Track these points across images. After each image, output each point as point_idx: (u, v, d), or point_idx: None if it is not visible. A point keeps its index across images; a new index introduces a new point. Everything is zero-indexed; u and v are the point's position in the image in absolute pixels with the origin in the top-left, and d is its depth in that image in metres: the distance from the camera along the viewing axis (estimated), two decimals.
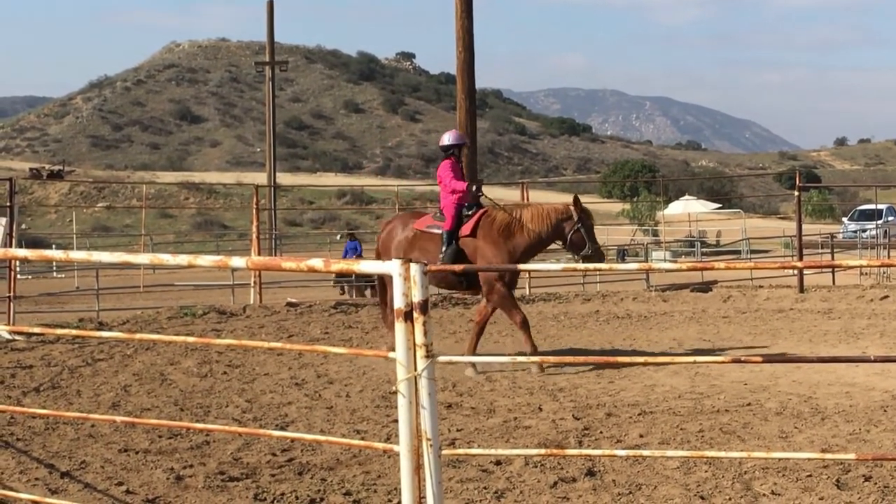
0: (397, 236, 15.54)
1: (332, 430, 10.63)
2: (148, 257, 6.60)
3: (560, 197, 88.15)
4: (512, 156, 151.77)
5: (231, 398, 12.40)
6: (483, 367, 13.98)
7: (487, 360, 6.77)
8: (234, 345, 8.42)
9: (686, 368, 13.59)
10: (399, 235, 15.51)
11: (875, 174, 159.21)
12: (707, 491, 8.24)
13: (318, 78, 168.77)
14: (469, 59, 26.08)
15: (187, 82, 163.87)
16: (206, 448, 9.87)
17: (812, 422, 10.54)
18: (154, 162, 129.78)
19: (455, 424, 10.72)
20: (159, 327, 18.43)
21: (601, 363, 13.89)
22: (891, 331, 17.10)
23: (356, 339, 17.31)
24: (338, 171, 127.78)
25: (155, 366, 14.50)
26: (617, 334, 17.55)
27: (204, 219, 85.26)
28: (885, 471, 8.59)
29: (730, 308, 20.41)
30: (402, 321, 5.36)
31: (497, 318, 19.37)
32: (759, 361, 5.46)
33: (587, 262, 15.01)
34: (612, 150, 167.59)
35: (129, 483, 8.73)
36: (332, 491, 8.47)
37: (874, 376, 12.69)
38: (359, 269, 5.77)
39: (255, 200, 23.01)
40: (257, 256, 19.29)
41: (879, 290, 22.02)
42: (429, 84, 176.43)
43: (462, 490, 8.39)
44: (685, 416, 10.90)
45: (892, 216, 56.55)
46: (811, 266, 5.93)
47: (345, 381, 13.28)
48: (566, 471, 8.82)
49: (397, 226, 15.77)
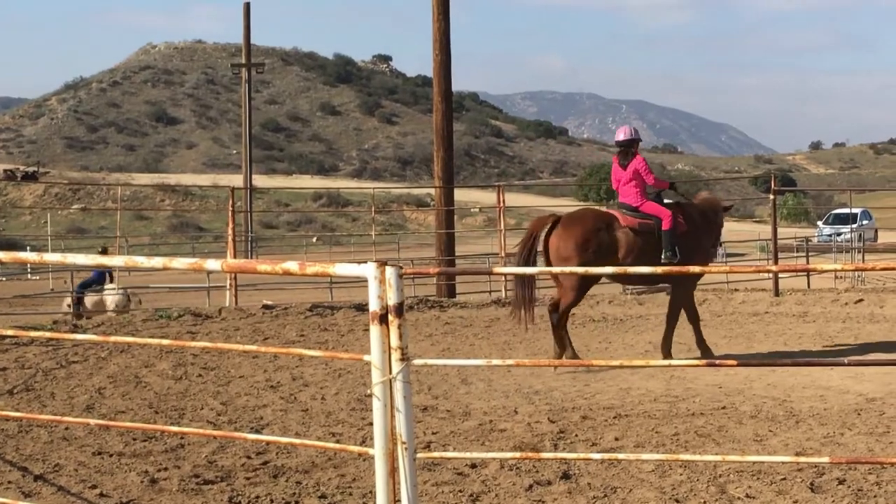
0: (605, 238, 14.75)
1: (307, 433, 10.61)
2: (123, 259, 6.57)
3: (537, 200, 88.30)
4: (488, 158, 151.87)
5: (206, 401, 12.36)
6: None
7: (463, 363, 6.74)
8: (210, 347, 8.41)
9: (661, 372, 13.59)
10: (606, 238, 14.74)
11: (850, 178, 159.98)
12: (682, 494, 8.26)
13: (295, 80, 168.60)
14: (446, 61, 26.08)
15: (163, 84, 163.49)
16: (181, 451, 9.84)
17: (786, 425, 10.56)
18: (129, 164, 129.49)
19: (430, 427, 10.71)
20: (134, 330, 18.36)
21: (577, 366, 13.90)
22: (865, 335, 17.16)
23: (332, 341, 17.28)
24: (314, 173, 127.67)
25: (129, 368, 14.45)
26: (593, 337, 17.55)
27: (180, 221, 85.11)
28: (858, 474, 8.62)
29: (705, 311, 20.42)
30: (376, 324, 5.35)
31: (472, 321, 19.39)
32: (733, 365, 5.48)
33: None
34: (588, 153, 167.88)
35: (102, 486, 8.70)
36: (308, 494, 8.46)
37: (848, 379, 12.73)
38: (335, 273, 5.76)
39: (230, 202, 22.95)
40: (233, 259, 19.26)
41: (854, 293, 22.08)
42: (405, 86, 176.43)
43: (437, 493, 8.38)
44: (660, 420, 10.91)
45: (866, 220, 56.86)
46: (786, 270, 5.95)
47: (320, 384, 13.26)
48: (541, 474, 8.82)
49: (596, 224, 14.89)
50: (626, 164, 15.35)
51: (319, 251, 60.89)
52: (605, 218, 15.02)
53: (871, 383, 12.50)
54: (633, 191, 15.25)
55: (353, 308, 20.20)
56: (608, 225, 14.86)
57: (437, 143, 26.66)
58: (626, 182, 15.27)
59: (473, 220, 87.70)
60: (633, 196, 15.22)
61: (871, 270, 5.49)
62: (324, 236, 70.56)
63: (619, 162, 15.48)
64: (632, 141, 15.47)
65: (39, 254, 6.80)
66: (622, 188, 15.34)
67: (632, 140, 15.47)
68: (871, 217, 59.98)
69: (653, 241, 14.93)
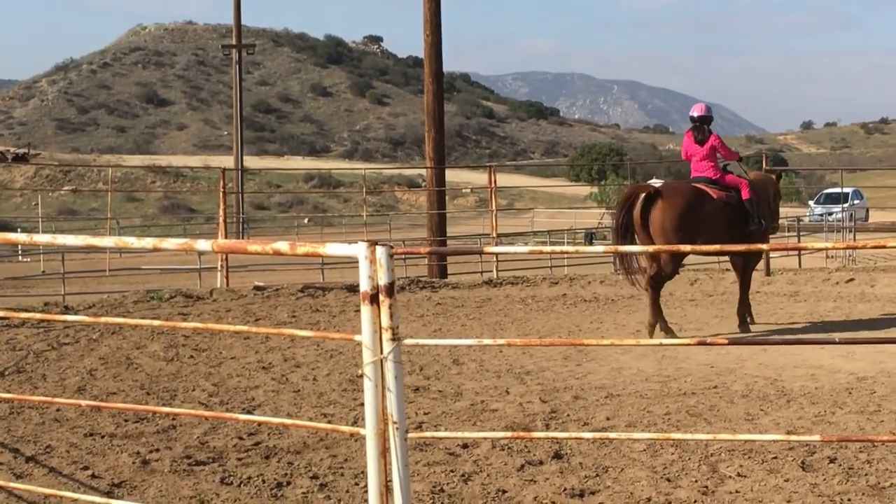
0: (706, 209, 15.52)
1: (298, 414, 10.61)
2: (113, 240, 6.55)
3: (528, 180, 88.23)
4: (480, 139, 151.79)
5: (198, 382, 12.36)
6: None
7: (454, 342, 6.75)
8: (201, 328, 8.38)
9: (653, 351, 13.62)
10: (707, 208, 15.54)
11: (841, 158, 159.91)
12: (673, 473, 8.27)
13: (286, 61, 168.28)
14: (437, 42, 26.02)
15: (154, 65, 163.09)
16: (173, 432, 9.83)
17: (778, 404, 10.58)
18: (120, 145, 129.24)
19: (422, 408, 10.71)
20: (126, 311, 18.34)
21: (568, 346, 13.91)
22: (856, 313, 17.19)
23: (323, 322, 17.28)
24: (305, 154, 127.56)
25: (121, 350, 14.43)
26: (584, 317, 17.57)
27: (171, 202, 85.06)
28: (849, 452, 8.64)
29: (696, 291, 20.47)
30: (367, 304, 5.34)
31: (464, 302, 19.39)
32: (724, 344, 5.47)
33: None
34: (579, 134, 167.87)
35: (94, 467, 8.70)
36: (299, 474, 8.46)
37: (839, 359, 12.76)
38: (325, 253, 5.74)
39: (221, 184, 22.90)
40: (223, 240, 19.25)
41: (845, 272, 22.11)
42: (396, 67, 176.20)
43: (429, 473, 8.38)
44: (652, 399, 10.92)
45: (857, 199, 56.92)
46: (777, 249, 5.94)
47: (312, 365, 13.25)
48: (533, 454, 8.83)
49: (700, 197, 15.63)
50: (702, 140, 16.18)
51: (311, 232, 60.80)
52: (700, 192, 15.71)
53: (862, 362, 12.53)
54: (709, 165, 16.11)
55: (345, 289, 20.19)
56: (704, 198, 15.60)
57: (428, 124, 26.62)
58: (703, 157, 16.14)
59: (465, 200, 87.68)
60: (712, 170, 16.10)
61: (861, 248, 5.48)
62: (315, 217, 70.46)
63: (694, 138, 16.28)
64: (706, 118, 16.36)
65: (29, 235, 6.77)
66: (698, 163, 16.20)
67: (706, 117, 16.38)
68: (862, 197, 60.03)
69: (735, 212, 15.80)
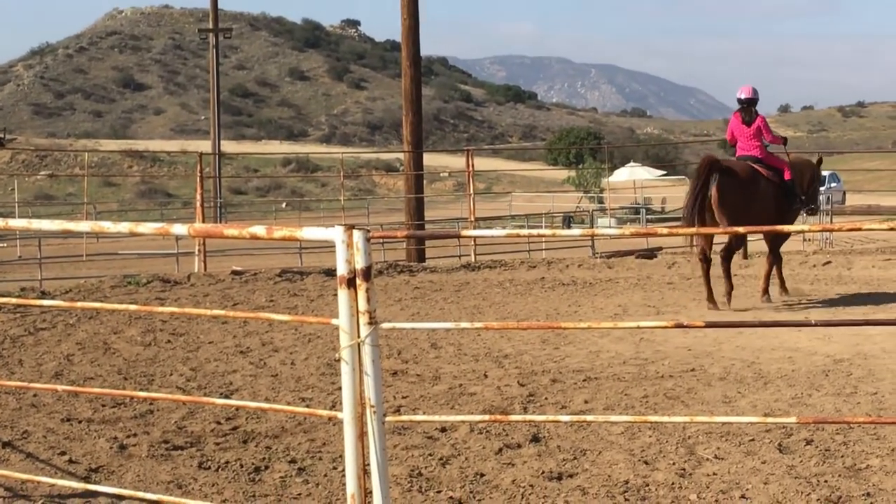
0: (762, 185, 16.47)
1: (276, 398, 10.60)
2: (89, 225, 6.53)
3: (506, 164, 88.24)
4: (458, 123, 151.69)
5: (175, 367, 12.33)
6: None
7: (432, 326, 6.78)
8: (178, 313, 8.36)
9: (631, 334, 13.64)
10: (762, 185, 16.48)
11: (818, 141, 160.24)
12: (651, 456, 8.29)
13: (263, 45, 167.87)
14: (414, 26, 26.00)
15: (130, 49, 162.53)
16: (150, 417, 9.81)
17: (755, 386, 10.61)
18: (97, 130, 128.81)
19: (400, 391, 10.72)
20: (103, 296, 18.29)
21: (546, 329, 13.92)
22: (833, 296, 17.25)
23: (301, 306, 17.26)
24: (283, 138, 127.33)
25: (98, 335, 14.39)
26: (562, 301, 17.58)
27: (148, 187, 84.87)
28: (826, 434, 8.68)
29: (674, 274, 20.51)
30: (344, 288, 5.34)
31: (442, 285, 19.40)
32: (701, 326, 5.49)
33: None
34: (557, 118, 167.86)
35: (71, 452, 8.67)
36: (277, 459, 8.45)
37: (816, 341, 12.79)
38: (302, 237, 5.73)
39: (199, 168, 22.85)
40: (200, 224, 19.20)
41: (822, 255, 22.20)
42: (374, 51, 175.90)
43: (407, 457, 8.39)
44: (630, 382, 10.94)
45: (834, 182, 57.05)
46: (754, 231, 5.97)
47: (290, 349, 13.24)
48: (511, 437, 8.84)
49: (756, 174, 16.52)
50: (749, 121, 16.96)
51: (289, 216, 60.73)
52: (754, 170, 16.53)
53: (839, 344, 12.57)
54: (756, 144, 16.89)
55: (323, 273, 20.18)
56: (758, 176, 16.46)
57: (405, 108, 26.60)
58: (750, 137, 16.89)
59: (443, 184, 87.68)
60: (758, 149, 16.90)
61: (837, 231, 5.50)
62: (293, 202, 70.43)
63: (742, 119, 17.01)
64: (753, 100, 17.04)
65: (5, 219, 6.74)
66: (745, 142, 16.95)
67: (753, 99, 17.06)
68: (839, 180, 60.19)
69: (778, 190, 16.68)
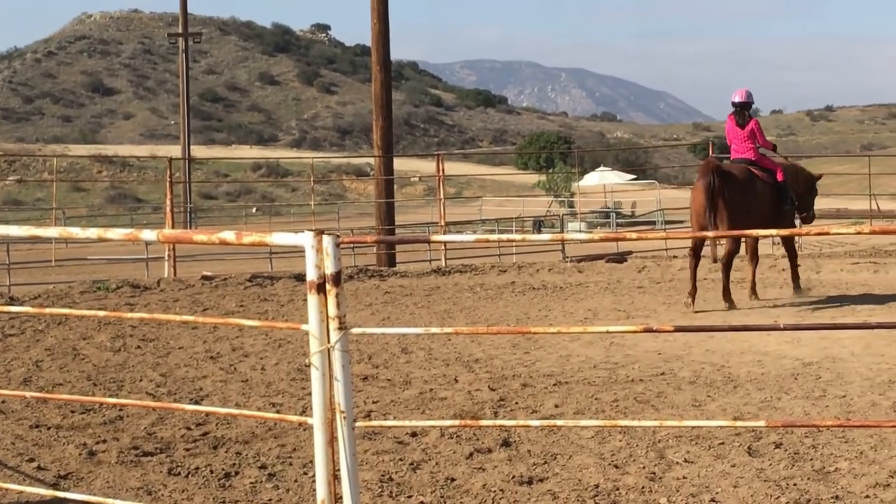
0: (758, 187, 16.82)
1: (247, 404, 10.58)
2: (57, 231, 6.51)
3: (477, 169, 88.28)
4: (428, 127, 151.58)
5: (145, 372, 12.29)
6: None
7: (402, 331, 6.73)
8: (148, 318, 8.32)
9: (601, 339, 13.66)
10: (758, 186, 16.82)
11: (787, 145, 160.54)
12: (621, 459, 8.31)
13: (233, 50, 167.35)
14: (384, 30, 26.00)
15: (99, 54, 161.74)
16: (120, 423, 9.78)
17: (724, 390, 10.65)
18: (66, 135, 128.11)
19: (371, 396, 10.71)
20: (72, 302, 18.22)
21: (516, 333, 13.94)
22: (802, 300, 17.32)
23: (272, 311, 17.23)
24: (253, 143, 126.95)
25: (67, 341, 14.33)
26: (532, 305, 17.61)
27: (117, 192, 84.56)
28: (795, 437, 8.71)
29: (644, 278, 20.56)
30: (314, 293, 5.33)
31: (412, 290, 19.39)
32: (670, 331, 5.50)
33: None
34: (527, 122, 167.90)
35: (40, 459, 8.64)
36: (248, 464, 8.44)
37: (785, 344, 12.85)
38: (272, 242, 5.72)
39: (168, 173, 22.80)
40: (169, 229, 19.13)
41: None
42: (344, 56, 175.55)
43: (378, 462, 8.39)
44: (600, 386, 10.97)
45: None
46: (723, 235, 5.98)
47: (260, 354, 13.22)
48: (482, 441, 8.85)
49: (752, 176, 16.87)
50: (742, 124, 17.26)
51: (259, 222, 60.66)
52: (750, 172, 16.89)
53: (808, 348, 12.63)
54: (750, 146, 17.23)
55: (293, 278, 20.15)
56: (754, 178, 16.82)
57: (376, 113, 26.60)
58: (744, 140, 17.22)
59: (413, 189, 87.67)
60: (752, 152, 17.26)
61: (805, 235, 5.51)
62: (263, 207, 70.33)
63: (735, 121, 17.31)
64: (747, 103, 17.37)
65: None
66: (739, 144, 17.30)
67: (747, 103, 17.37)
68: None
69: (773, 192, 17.04)
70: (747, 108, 17.41)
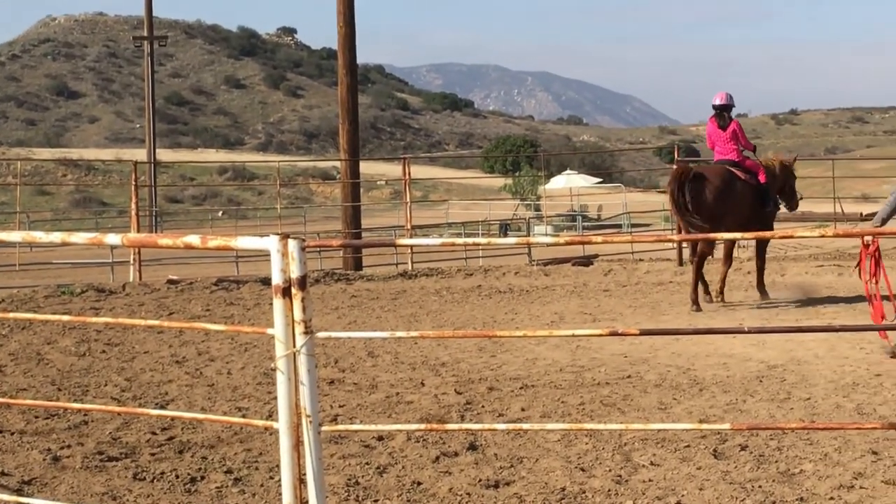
0: (738, 188, 16.98)
1: (213, 408, 10.55)
2: (21, 235, 6.47)
3: (443, 172, 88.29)
4: (394, 131, 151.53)
5: (110, 377, 12.24)
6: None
7: (368, 335, 6.74)
8: (113, 323, 8.28)
9: (567, 342, 13.67)
10: (738, 187, 16.98)
11: None
12: (588, 463, 8.32)
13: (199, 53, 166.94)
14: (350, 34, 26.00)
15: (64, 57, 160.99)
16: (84, 428, 9.73)
17: (690, 393, 10.68)
18: (30, 138, 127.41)
19: (337, 400, 10.69)
20: (36, 306, 18.13)
21: (482, 337, 13.94)
22: (767, 302, 17.40)
23: (238, 315, 17.19)
24: (219, 147, 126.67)
25: (31, 345, 14.25)
26: (499, 309, 17.62)
27: (82, 196, 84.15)
28: (760, 440, 8.75)
29: (610, 281, 20.61)
30: (279, 297, 5.32)
31: (379, 294, 19.38)
32: (635, 334, 5.51)
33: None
34: (494, 126, 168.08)
35: (4, 465, 8.58)
36: (213, 469, 8.41)
37: (751, 347, 12.90)
38: (237, 246, 5.70)
39: (134, 177, 22.72)
40: (134, 233, 19.07)
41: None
42: (311, 59, 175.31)
43: (344, 466, 8.37)
44: (566, 390, 10.98)
45: None
46: (688, 239, 6.00)
47: (226, 359, 13.18)
48: (448, 445, 8.85)
49: (732, 177, 17.02)
50: (724, 126, 17.48)
51: (225, 225, 60.52)
52: (731, 173, 17.04)
53: (773, 350, 12.68)
54: (732, 148, 17.42)
55: (259, 282, 20.10)
56: (734, 179, 16.97)
57: (342, 116, 26.60)
58: (726, 141, 17.39)
59: (380, 192, 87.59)
60: (734, 153, 17.45)
61: (770, 238, 5.54)
62: (229, 210, 70.20)
63: (717, 124, 17.52)
64: (728, 105, 17.55)
65: None
66: (722, 146, 17.47)
67: (728, 105, 17.56)
68: None
69: (755, 193, 17.22)
70: (728, 111, 17.58)
